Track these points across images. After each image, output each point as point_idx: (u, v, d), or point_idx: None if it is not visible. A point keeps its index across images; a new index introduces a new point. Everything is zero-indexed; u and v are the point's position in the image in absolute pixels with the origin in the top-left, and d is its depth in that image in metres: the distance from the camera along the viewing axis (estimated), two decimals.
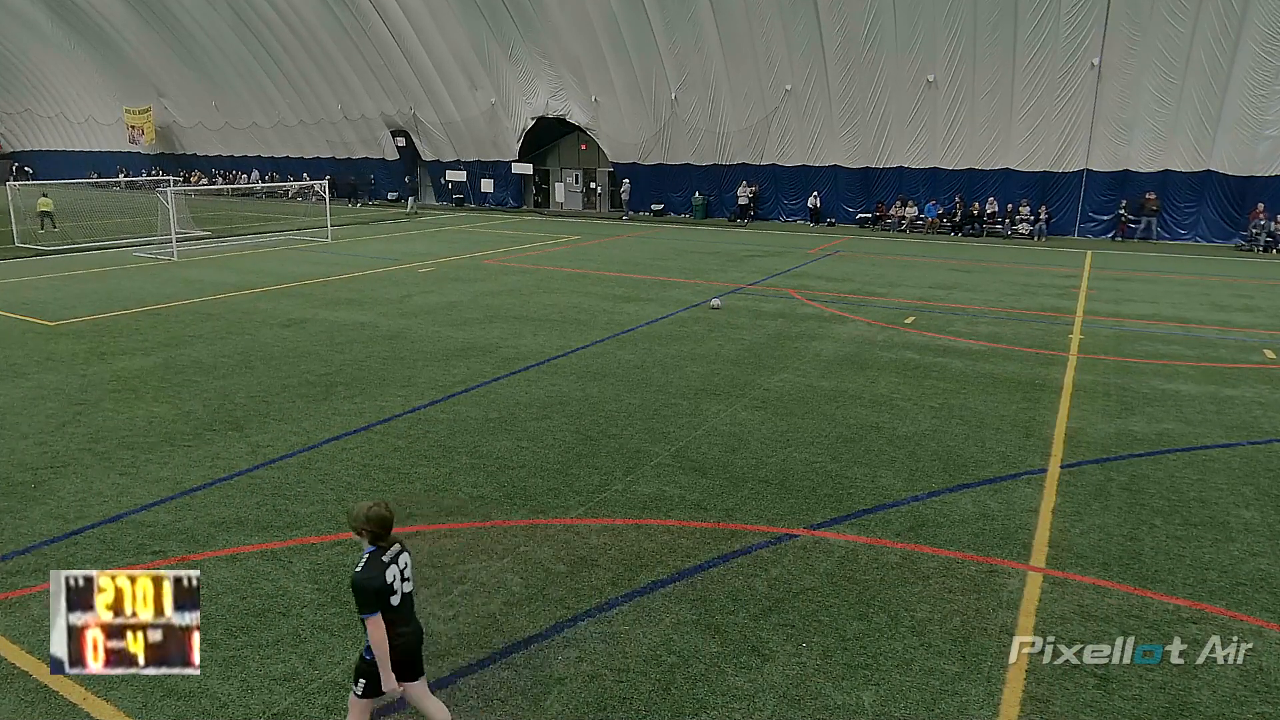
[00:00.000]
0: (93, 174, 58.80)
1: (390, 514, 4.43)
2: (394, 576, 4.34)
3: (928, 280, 21.14)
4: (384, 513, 4.41)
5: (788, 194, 36.19)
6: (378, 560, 4.32)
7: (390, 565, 4.35)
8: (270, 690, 5.25)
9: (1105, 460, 9.11)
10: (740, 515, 7.70)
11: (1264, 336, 15.21)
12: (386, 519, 4.40)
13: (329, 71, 44.46)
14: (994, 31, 28.64)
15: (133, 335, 14.81)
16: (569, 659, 5.56)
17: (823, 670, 5.47)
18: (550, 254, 26.37)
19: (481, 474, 8.63)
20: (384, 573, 4.29)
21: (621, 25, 34.36)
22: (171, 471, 8.68)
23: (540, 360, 13.14)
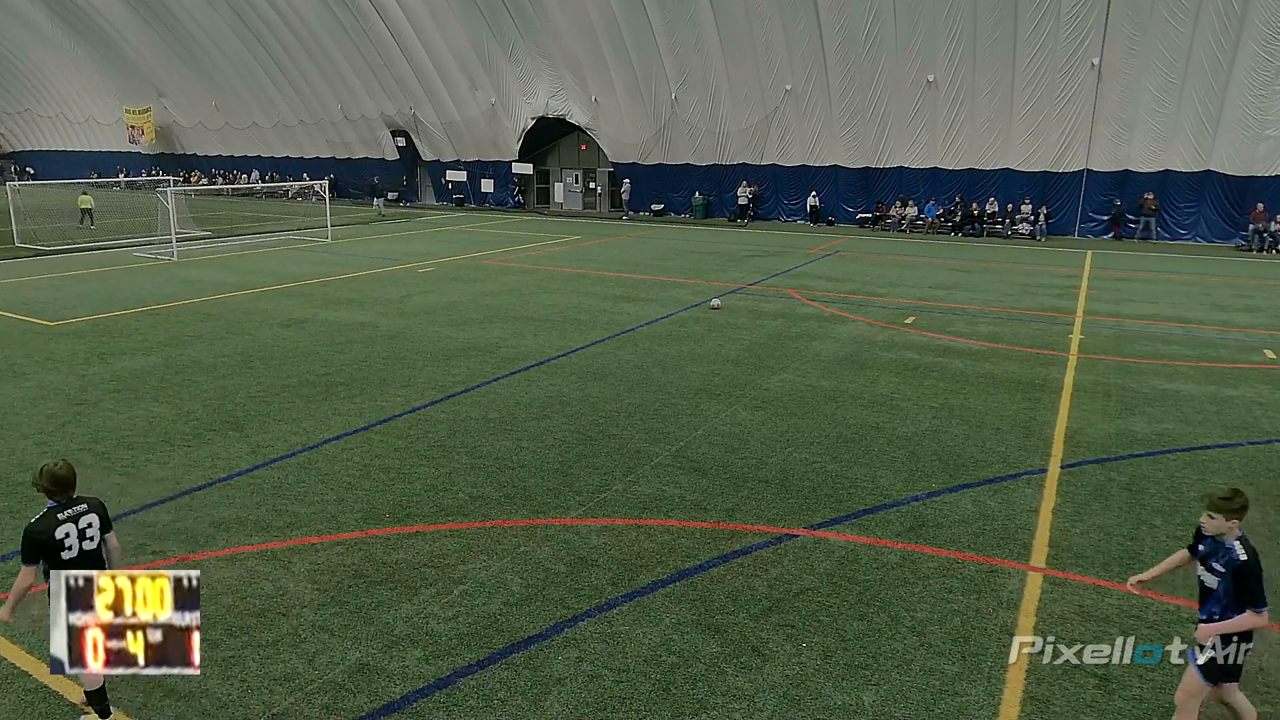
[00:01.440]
0: (93, 174, 58.80)
1: (67, 473, 4.67)
2: (68, 533, 4.58)
3: (928, 280, 21.14)
4: (59, 471, 4.65)
5: (788, 194, 36.19)
6: (52, 515, 4.59)
7: (66, 523, 4.59)
8: (270, 690, 5.25)
9: (1105, 460, 9.11)
10: (740, 515, 7.70)
11: (1264, 336, 15.21)
12: (60, 476, 4.64)
13: (329, 71, 44.46)
14: (994, 31, 28.64)
15: (133, 335, 14.81)
16: (569, 659, 5.56)
17: (823, 670, 5.46)
18: (550, 254, 26.37)
19: (481, 474, 8.63)
20: (55, 528, 4.54)
21: (621, 25, 34.36)
22: (171, 471, 8.68)
23: (540, 360, 13.14)
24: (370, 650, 5.64)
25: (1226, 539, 4.46)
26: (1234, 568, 4.37)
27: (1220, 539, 4.50)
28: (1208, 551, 4.58)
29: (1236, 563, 4.36)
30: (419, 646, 5.69)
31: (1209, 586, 4.56)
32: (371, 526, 7.44)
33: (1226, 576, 4.42)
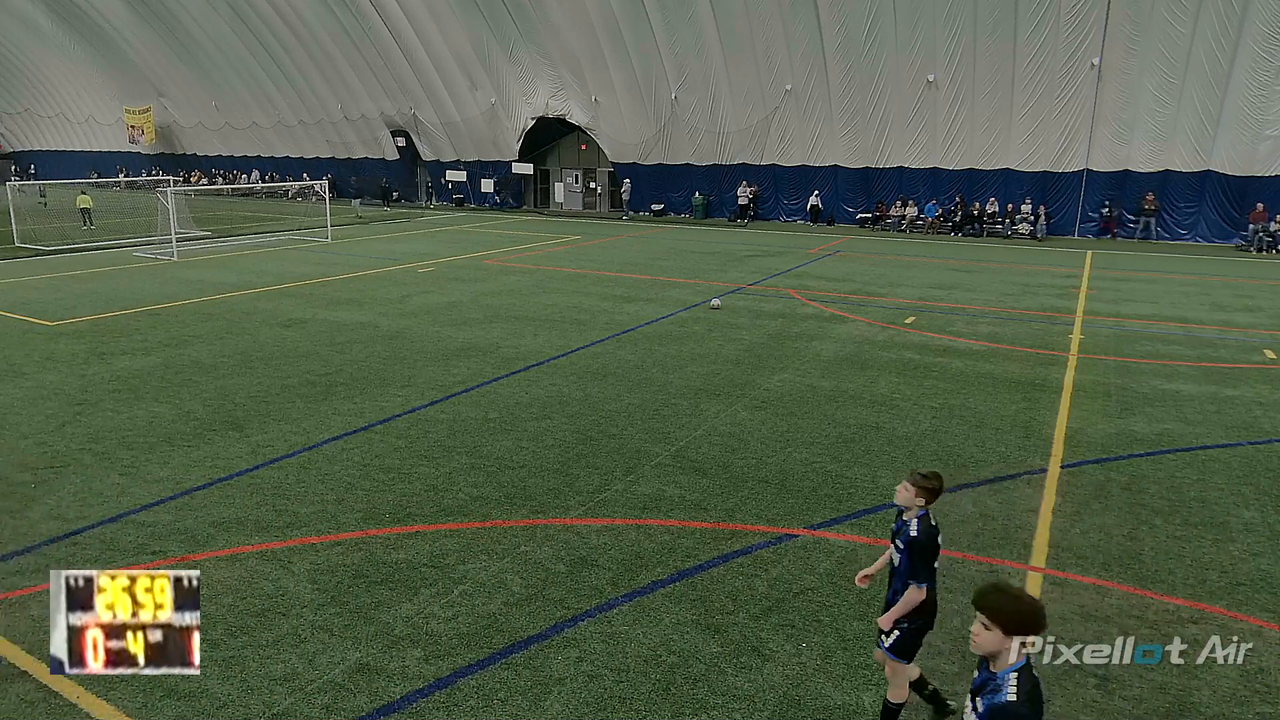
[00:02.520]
0: (93, 174, 58.81)
1: None
2: None
3: (928, 280, 21.14)
4: None
5: (788, 194, 36.19)
6: None
7: None
8: (270, 690, 5.25)
9: (1105, 460, 9.11)
10: (740, 515, 7.70)
11: (1264, 336, 15.21)
12: None
13: (329, 71, 44.46)
14: (994, 31, 28.64)
15: (133, 335, 14.81)
16: (569, 659, 5.56)
17: (823, 670, 5.47)
18: (550, 254, 26.37)
19: (481, 474, 8.63)
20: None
21: (621, 25, 34.36)
22: (171, 471, 8.68)
23: (540, 360, 13.14)
24: (370, 650, 5.64)
25: (908, 516, 4.74)
26: (908, 542, 4.66)
27: (905, 516, 4.77)
28: (895, 530, 4.85)
29: (909, 538, 4.65)
30: (419, 646, 5.69)
31: (894, 564, 4.81)
32: (371, 526, 7.45)
33: (904, 552, 4.69)
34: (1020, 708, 2.99)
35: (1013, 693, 3.02)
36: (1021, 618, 3.05)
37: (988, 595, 3.16)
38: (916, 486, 4.68)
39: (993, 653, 3.11)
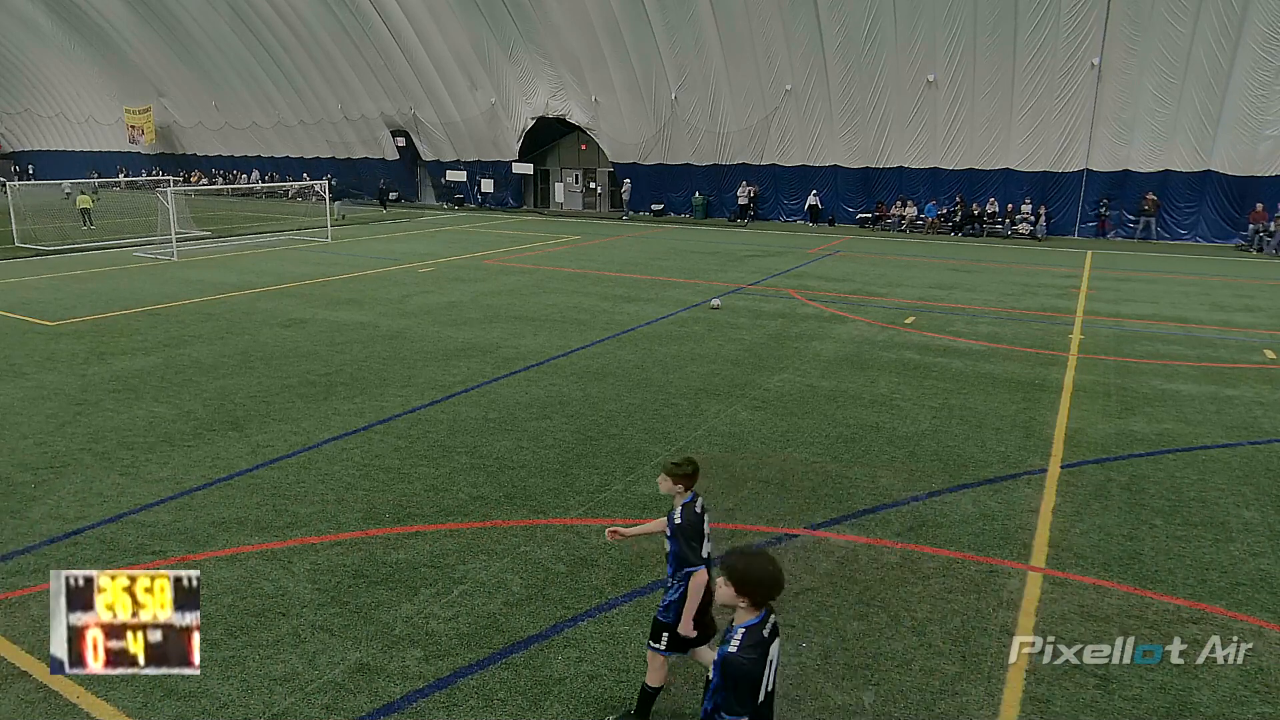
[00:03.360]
0: (93, 173, 58.81)
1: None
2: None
3: (928, 280, 21.14)
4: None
5: (788, 194, 36.20)
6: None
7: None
8: (270, 690, 5.25)
9: (1105, 460, 9.11)
10: (740, 515, 7.70)
11: (1264, 336, 15.21)
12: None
13: (329, 71, 44.47)
14: (994, 31, 28.65)
15: (133, 335, 14.81)
16: (569, 659, 5.56)
17: (823, 670, 5.46)
18: (550, 254, 26.38)
19: (481, 474, 8.63)
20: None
21: (621, 25, 34.37)
22: (171, 471, 8.68)
23: (540, 360, 13.14)
24: (370, 650, 5.64)
25: (675, 504, 4.83)
26: (674, 529, 4.74)
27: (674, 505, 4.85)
28: (668, 520, 4.88)
29: (674, 524, 4.74)
30: (419, 646, 5.69)
31: (668, 551, 4.87)
32: (371, 526, 7.45)
33: (672, 539, 4.77)
34: (737, 657, 3.31)
35: (735, 644, 3.34)
36: (750, 579, 3.36)
37: (728, 556, 3.49)
38: (671, 476, 4.80)
39: (730, 607, 3.42)
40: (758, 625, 3.41)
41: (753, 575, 3.39)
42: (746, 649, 3.35)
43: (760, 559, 3.46)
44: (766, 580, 3.38)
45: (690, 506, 4.78)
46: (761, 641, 3.40)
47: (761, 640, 3.40)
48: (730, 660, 3.34)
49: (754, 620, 3.41)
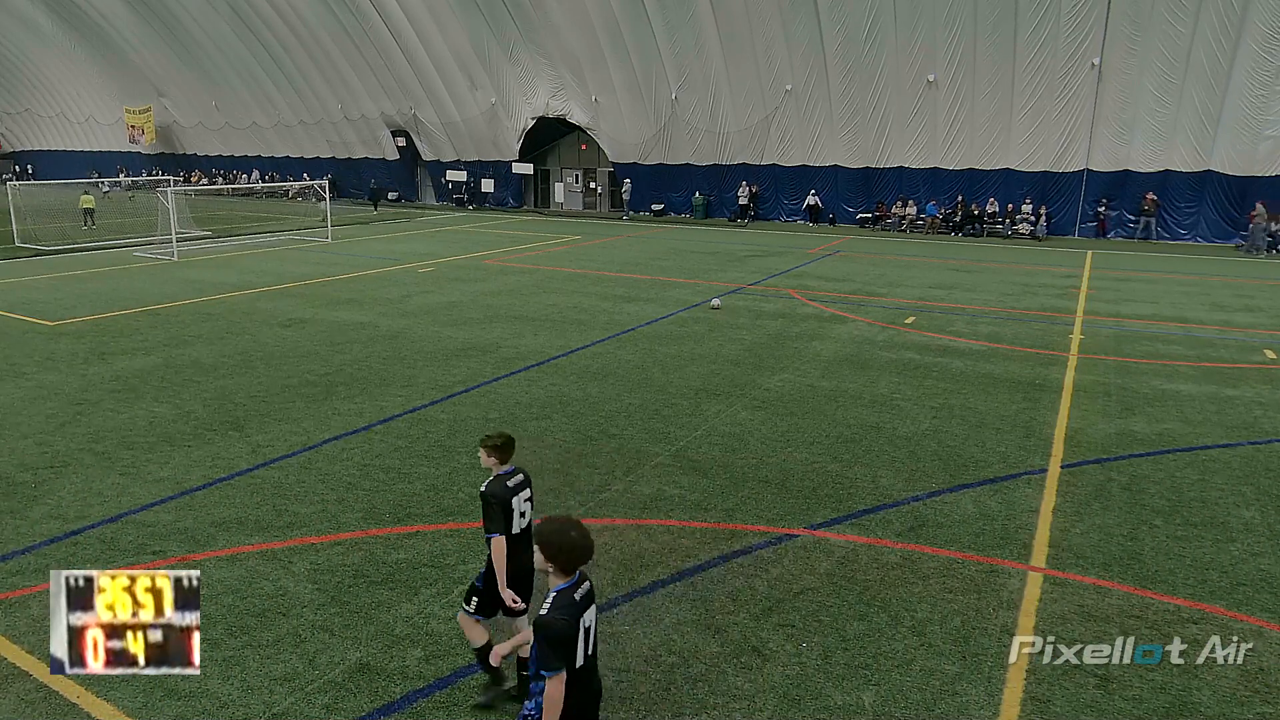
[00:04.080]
0: (93, 173, 58.82)
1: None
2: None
3: (928, 280, 21.14)
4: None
5: (788, 194, 36.20)
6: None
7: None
8: (270, 690, 5.25)
9: (1105, 460, 9.11)
10: (740, 515, 7.70)
11: (1264, 336, 15.21)
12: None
13: (329, 71, 44.47)
14: (994, 31, 28.65)
15: (133, 335, 14.81)
16: None
17: (823, 670, 5.47)
18: (550, 254, 26.38)
19: (481, 474, 8.61)
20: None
21: (622, 25, 34.37)
22: (171, 471, 8.68)
23: (540, 360, 13.14)
24: (371, 650, 5.64)
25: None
26: (480, 496, 4.98)
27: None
28: None
29: (481, 494, 4.98)
30: (419, 646, 5.69)
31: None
32: (372, 526, 7.45)
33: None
34: (547, 617, 3.55)
35: (546, 607, 3.58)
36: (553, 545, 3.61)
37: (540, 524, 3.76)
38: (485, 449, 5.09)
39: (545, 572, 3.66)
40: (569, 589, 3.63)
41: (556, 541, 3.61)
42: (556, 610, 3.56)
43: (566, 526, 3.68)
44: (569, 546, 3.60)
45: (502, 479, 5.02)
46: (573, 604, 3.61)
47: (573, 603, 3.61)
48: (540, 621, 3.56)
49: (565, 584, 3.63)
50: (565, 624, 3.55)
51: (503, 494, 4.95)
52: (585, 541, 3.65)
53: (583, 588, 3.70)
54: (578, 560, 3.63)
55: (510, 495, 4.97)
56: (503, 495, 4.94)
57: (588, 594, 3.72)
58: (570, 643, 3.57)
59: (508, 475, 5.06)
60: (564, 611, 3.57)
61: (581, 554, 3.63)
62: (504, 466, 5.11)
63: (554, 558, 3.61)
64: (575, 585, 3.66)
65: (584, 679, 3.70)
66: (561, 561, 3.61)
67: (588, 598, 3.72)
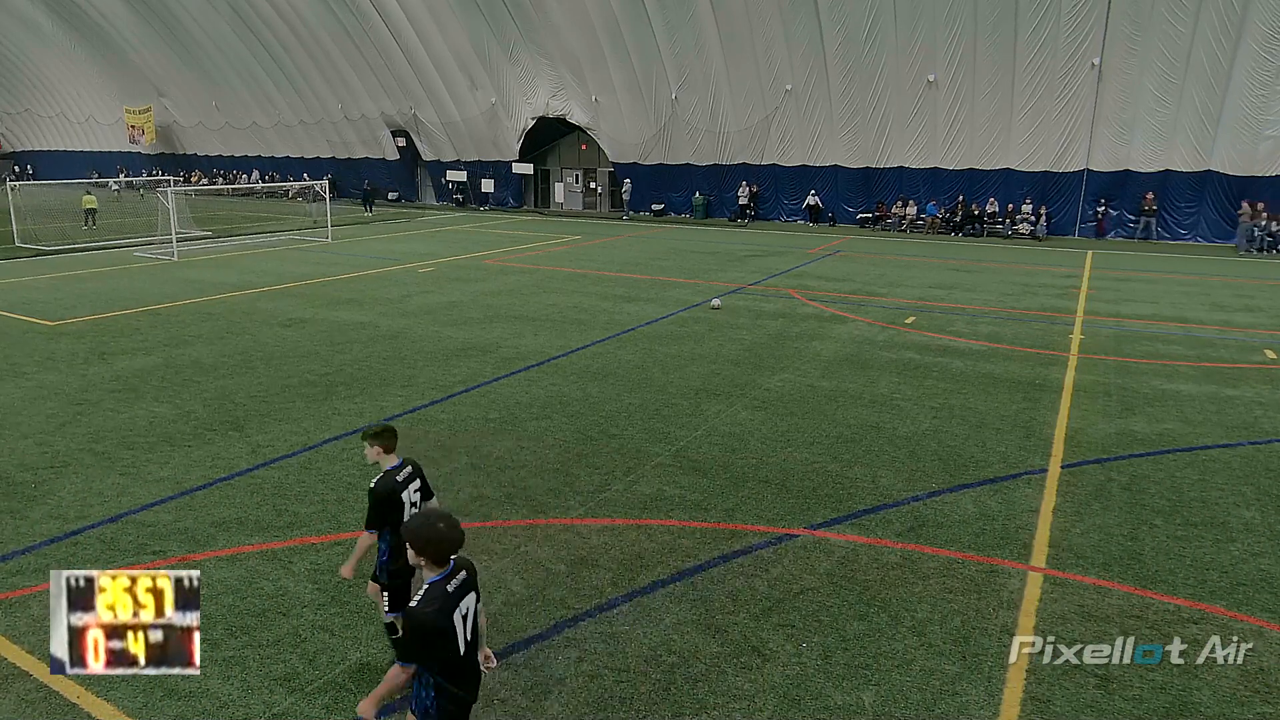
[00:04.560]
0: (93, 174, 58.81)
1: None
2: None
3: (928, 280, 21.14)
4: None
5: (788, 194, 36.20)
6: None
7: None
8: (270, 690, 5.25)
9: (1106, 460, 9.11)
10: (740, 515, 7.70)
11: (1264, 336, 15.21)
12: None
13: (329, 71, 44.46)
14: (994, 31, 28.64)
15: (133, 335, 14.81)
16: (569, 659, 5.56)
17: (823, 670, 5.47)
18: (550, 254, 26.38)
19: (481, 474, 8.63)
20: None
21: (622, 25, 34.37)
22: (171, 471, 8.68)
23: (540, 360, 13.14)
24: (371, 650, 5.64)
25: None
26: (369, 492, 5.03)
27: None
28: None
29: (369, 489, 5.03)
30: None
31: None
32: None
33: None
34: (415, 610, 3.64)
35: (416, 599, 3.67)
36: (419, 538, 3.69)
37: (407, 520, 3.95)
38: (367, 441, 5.11)
39: (418, 566, 3.75)
40: (441, 581, 3.72)
41: (424, 534, 3.69)
42: (425, 602, 3.65)
43: (433, 518, 3.78)
44: (436, 538, 3.68)
45: (391, 474, 5.05)
46: (444, 595, 3.69)
47: (445, 595, 3.70)
48: (409, 612, 3.67)
49: (437, 577, 3.72)
50: (433, 615, 3.63)
51: (392, 489, 5.01)
52: (453, 533, 3.72)
53: (458, 578, 3.78)
54: (446, 551, 3.70)
55: (400, 489, 5.04)
56: (392, 491, 5.01)
57: (465, 583, 3.81)
58: (436, 635, 3.65)
59: (396, 469, 5.10)
60: (434, 604, 3.65)
61: (449, 545, 3.70)
62: (392, 460, 5.12)
63: (423, 551, 3.69)
64: (448, 576, 3.74)
65: (468, 665, 3.84)
66: (431, 554, 3.68)
67: (465, 586, 3.81)
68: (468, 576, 3.87)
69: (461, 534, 3.77)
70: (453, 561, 3.77)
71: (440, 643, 3.67)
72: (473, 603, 3.87)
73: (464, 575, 3.84)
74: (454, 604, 3.73)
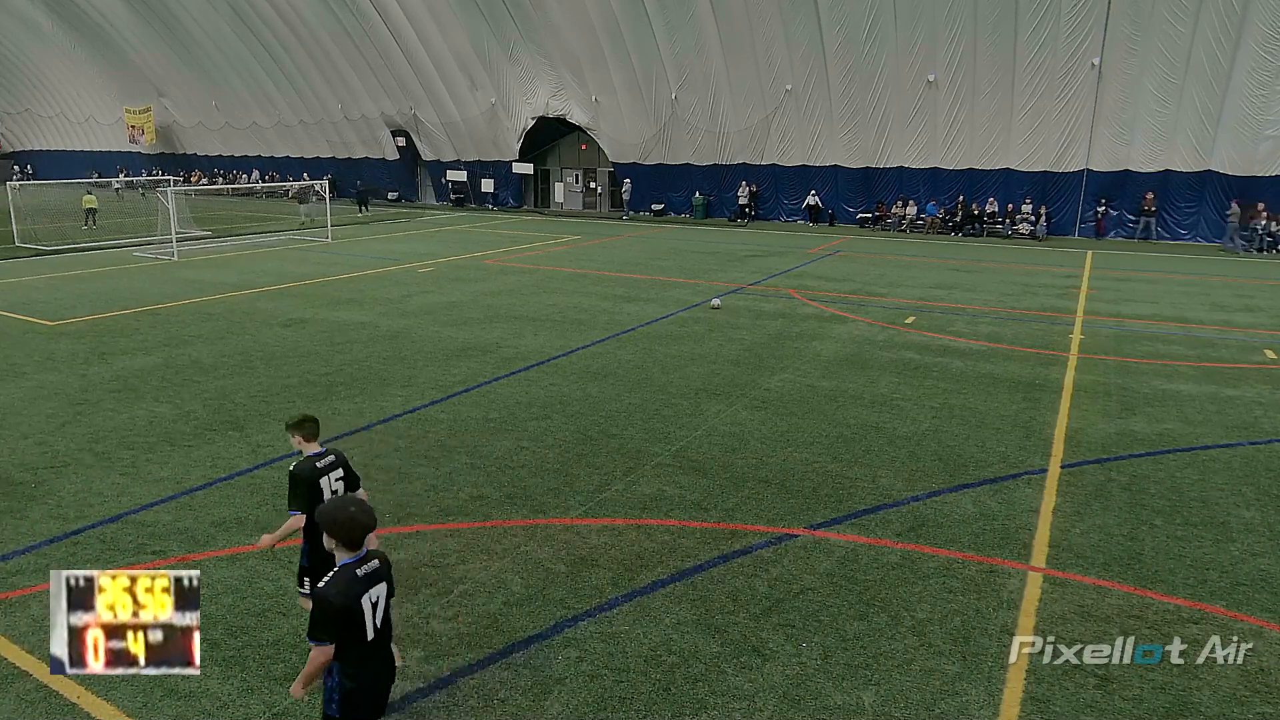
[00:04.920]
0: (93, 174, 58.81)
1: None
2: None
3: (928, 280, 21.14)
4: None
5: (788, 194, 36.19)
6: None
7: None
8: (270, 690, 5.25)
9: (1105, 460, 9.11)
10: (740, 515, 7.70)
11: (1264, 336, 15.21)
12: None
13: (329, 71, 44.46)
14: (994, 31, 28.64)
15: (133, 335, 14.81)
16: (569, 659, 5.56)
17: (823, 670, 5.47)
18: (550, 254, 26.38)
19: (481, 474, 8.63)
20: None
21: (622, 25, 34.36)
22: (171, 471, 8.68)
23: (540, 360, 13.14)
24: None
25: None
26: (289, 474, 5.15)
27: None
28: None
29: (289, 472, 5.15)
30: (419, 646, 5.69)
31: None
32: None
33: None
34: (322, 590, 3.78)
35: (325, 580, 3.82)
36: (331, 522, 3.84)
37: (323, 504, 4.13)
38: (289, 430, 5.29)
39: (332, 550, 3.89)
40: (351, 565, 3.85)
41: (335, 516, 3.85)
42: (333, 583, 3.79)
43: (345, 502, 4.02)
44: (347, 520, 3.82)
45: (312, 460, 5.19)
46: (353, 579, 3.82)
47: (353, 578, 3.83)
48: (315, 592, 3.82)
49: (349, 560, 3.85)
50: (340, 596, 3.75)
51: (310, 474, 5.13)
52: (364, 516, 3.84)
53: (369, 565, 3.91)
54: (358, 533, 3.82)
55: (319, 475, 5.16)
56: (310, 475, 5.13)
57: (375, 571, 3.94)
58: (340, 617, 3.75)
59: (318, 456, 5.23)
60: (339, 586, 3.77)
61: (359, 528, 3.82)
62: (315, 447, 5.28)
63: (334, 534, 3.81)
64: (360, 562, 3.87)
65: (377, 653, 3.96)
66: (342, 536, 3.80)
67: (376, 575, 3.94)
68: (380, 567, 3.99)
69: (372, 518, 3.90)
70: (366, 549, 3.90)
71: (345, 623, 3.76)
72: (384, 593, 3.99)
73: (376, 564, 3.97)
74: (363, 589, 3.83)
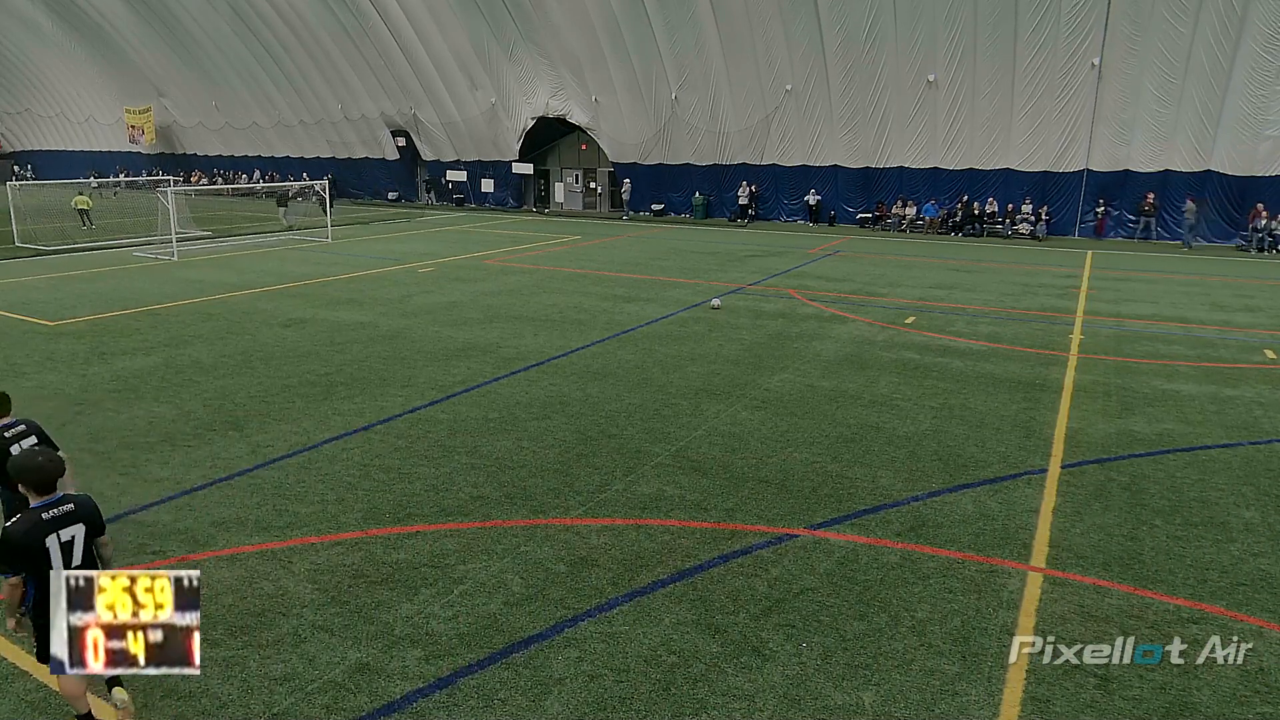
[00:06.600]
0: (93, 174, 58.79)
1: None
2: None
3: (928, 280, 21.14)
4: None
5: (788, 194, 36.19)
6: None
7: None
8: (270, 690, 5.25)
9: (1105, 460, 9.11)
10: (740, 515, 7.70)
11: (1264, 336, 15.21)
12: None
13: (329, 71, 44.46)
14: (994, 31, 28.64)
15: (133, 335, 14.81)
16: (569, 659, 5.56)
17: (823, 670, 5.47)
18: (550, 254, 26.38)
19: (481, 474, 8.63)
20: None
21: (622, 25, 34.36)
22: (171, 471, 8.68)
23: (540, 360, 13.14)
24: (370, 650, 5.64)
25: None
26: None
27: None
28: None
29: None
30: (419, 646, 5.69)
31: None
32: (372, 526, 7.45)
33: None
34: (7, 528, 4.33)
35: (13, 520, 4.37)
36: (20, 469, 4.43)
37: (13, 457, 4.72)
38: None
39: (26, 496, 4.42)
40: (39, 508, 4.38)
41: (22, 464, 4.44)
42: (17, 521, 4.34)
43: (36, 454, 4.53)
44: (33, 466, 4.39)
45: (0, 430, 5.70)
46: (38, 521, 4.34)
47: (39, 521, 4.35)
48: (3, 530, 4.36)
49: (38, 503, 4.39)
50: (21, 535, 4.26)
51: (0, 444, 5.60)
52: (51, 465, 4.39)
53: (61, 508, 4.41)
54: (42, 479, 4.35)
55: (7, 445, 5.60)
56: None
57: (68, 514, 4.42)
58: (20, 552, 4.27)
59: (6, 427, 5.72)
60: (23, 526, 4.29)
61: (44, 474, 4.35)
62: (5, 420, 5.78)
63: (22, 480, 4.39)
64: (49, 505, 4.37)
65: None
66: (29, 480, 4.37)
67: (68, 517, 4.42)
68: (76, 510, 4.46)
69: (60, 466, 4.44)
70: (61, 495, 4.41)
71: (25, 558, 4.28)
72: (80, 533, 4.44)
73: (70, 507, 4.44)
74: (49, 529, 4.33)
